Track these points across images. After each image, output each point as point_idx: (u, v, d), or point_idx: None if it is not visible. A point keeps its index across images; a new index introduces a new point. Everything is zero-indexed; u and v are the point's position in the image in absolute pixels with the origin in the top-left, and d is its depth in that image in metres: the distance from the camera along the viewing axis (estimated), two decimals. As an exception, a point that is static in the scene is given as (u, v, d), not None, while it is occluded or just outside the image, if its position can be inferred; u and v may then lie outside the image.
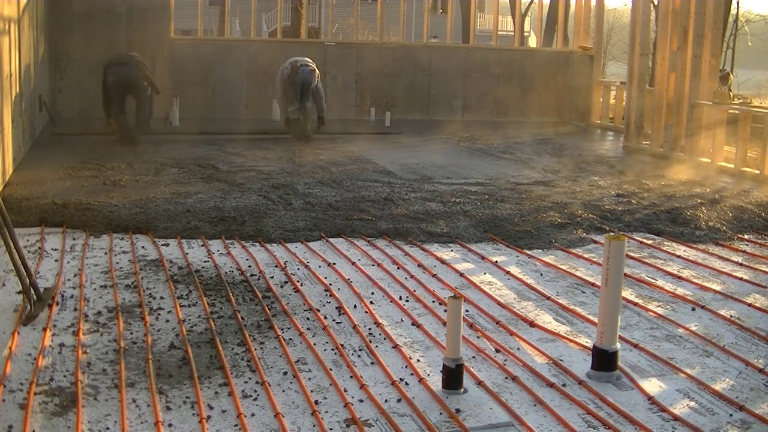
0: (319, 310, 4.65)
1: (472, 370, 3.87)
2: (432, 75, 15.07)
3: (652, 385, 3.79)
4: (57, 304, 4.61)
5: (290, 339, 4.21)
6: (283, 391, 3.60)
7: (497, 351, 4.15)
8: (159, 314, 4.50)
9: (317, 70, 11.49)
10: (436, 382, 3.71)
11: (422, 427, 3.31)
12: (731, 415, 3.51)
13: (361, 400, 3.52)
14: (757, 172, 9.66)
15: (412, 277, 5.39)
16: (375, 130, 12.38)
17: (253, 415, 3.36)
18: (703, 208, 7.69)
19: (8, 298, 4.67)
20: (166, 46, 13.42)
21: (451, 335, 3.61)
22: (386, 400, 3.52)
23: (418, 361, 3.99)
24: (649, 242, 6.57)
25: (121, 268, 5.36)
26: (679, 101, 10.96)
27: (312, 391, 3.61)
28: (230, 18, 20.25)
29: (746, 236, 6.86)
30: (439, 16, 33.76)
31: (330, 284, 5.15)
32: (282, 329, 4.34)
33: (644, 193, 8.46)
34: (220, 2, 21.99)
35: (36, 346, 3.99)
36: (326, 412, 3.41)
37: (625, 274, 4.27)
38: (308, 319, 4.53)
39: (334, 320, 4.52)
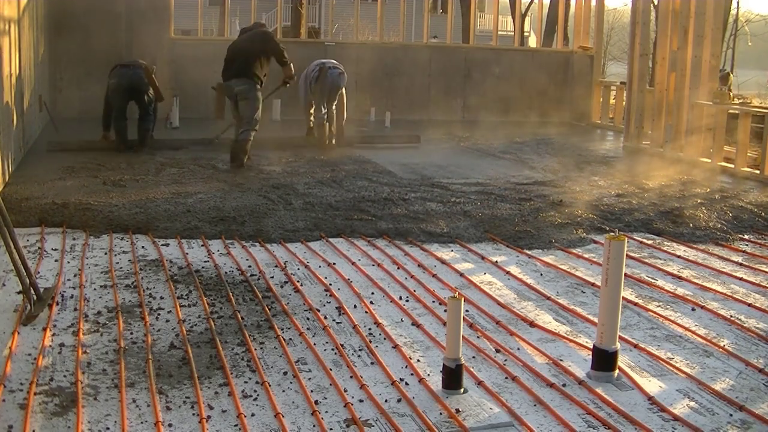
0: (319, 310, 4.65)
1: (472, 370, 3.87)
2: (432, 75, 15.08)
3: (652, 385, 3.79)
4: (57, 304, 4.61)
5: (290, 339, 4.21)
6: (283, 391, 3.60)
7: (497, 351, 4.15)
8: (159, 314, 4.50)
9: (346, 74, 10.91)
10: (436, 382, 3.71)
11: (422, 427, 3.31)
12: (731, 415, 3.51)
13: (361, 400, 3.53)
14: (757, 172, 9.66)
15: (412, 277, 5.39)
16: (393, 140, 11.76)
17: (253, 415, 3.36)
18: (703, 208, 7.69)
19: (8, 298, 4.67)
20: (166, 47, 13.42)
21: (451, 335, 3.61)
22: (386, 400, 3.52)
23: (418, 361, 3.99)
24: (649, 242, 6.57)
25: (121, 268, 5.36)
26: (679, 101, 10.96)
27: (312, 391, 3.61)
28: (230, 18, 20.24)
29: (746, 236, 6.87)
30: (439, 16, 33.77)
31: (330, 284, 5.15)
32: (282, 329, 4.34)
33: (644, 193, 8.46)
34: (220, 2, 22.00)
35: (36, 346, 3.99)
36: (326, 412, 3.41)
37: (625, 274, 4.27)
38: (308, 319, 4.53)
39: (334, 320, 4.52)
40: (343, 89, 10.86)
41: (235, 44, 9.53)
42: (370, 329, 4.40)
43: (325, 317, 4.55)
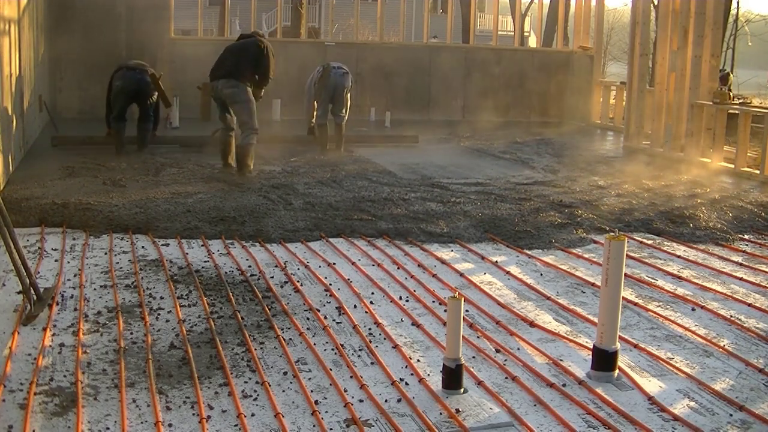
0: (319, 310, 4.65)
1: (472, 370, 3.87)
2: (432, 75, 15.08)
3: (652, 385, 3.79)
4: (57, 304, 4.61)
5: (290, 339, 4.21)
6: (283, 391, 3.60)
7: (497, 351, 4.15)
8: (159, 314, 4.50)
9: (350, 74, 10.69)
10: (436, 382, 3.71)
11: (422, 427, 3.31)
12: (731, 415, 3.51)
13: (361, 400, 3.53)
14: (757, 172, 9.66)
15: (412, 277, 5.39)
16: (391, 138, 11.89)
17: (253, 415, 3.36)
18: (703, 208, 7.69)
19: (8, 298, 4.67)
20: (166, 46, 13.42)
21: (451, 335, 3.61)
22: (386, 400, 3.52)
23: (418, 361, 3.99)
24: (649, 242, 6.57)
25: (121, 268, 5.36)
26: (679, 101, 10.97)
27: (312, 391, 3.61)
28: (230, 18, 20.25)
29: (746, 236, 6.87)
30: (439, 16, 33.79)
31: (330, 284, 5.15)
32: (282, 329, 4.34)
33: (644, 193, 8.46)
34: (220, 2, 21.99)
35: (36, 346, 3.99)
36: (326, 412, 3.41)
37: (625, 274, 4.27)
38: (308, 319, 4.53)
39: (334, 320, 4.52)
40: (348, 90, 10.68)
41: (231, 46, 9.12)
42: (370, 329, 4.40)
43: (325, 317, 4.55)
